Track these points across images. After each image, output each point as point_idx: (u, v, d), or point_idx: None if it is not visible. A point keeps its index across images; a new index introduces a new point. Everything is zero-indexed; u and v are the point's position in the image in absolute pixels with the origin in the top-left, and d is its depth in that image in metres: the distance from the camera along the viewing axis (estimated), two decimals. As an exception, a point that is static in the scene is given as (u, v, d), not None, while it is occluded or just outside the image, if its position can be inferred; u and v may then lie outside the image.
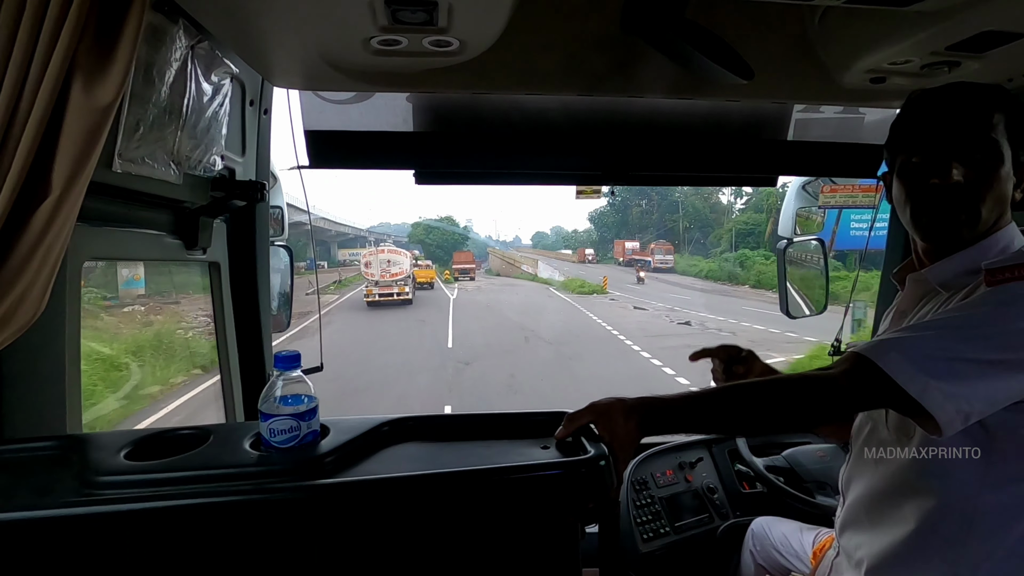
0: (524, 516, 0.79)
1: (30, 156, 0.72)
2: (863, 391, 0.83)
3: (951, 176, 0.90)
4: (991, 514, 0.87)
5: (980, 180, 0.91)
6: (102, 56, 0.77)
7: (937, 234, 0.96)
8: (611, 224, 61.83)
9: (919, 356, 0.81)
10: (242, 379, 1.67)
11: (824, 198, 2.70)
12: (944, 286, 0.96)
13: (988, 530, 0.88)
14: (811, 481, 1.86)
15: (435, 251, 55.79)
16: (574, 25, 1.27)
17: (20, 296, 0.75)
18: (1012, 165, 0.92)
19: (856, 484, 1.08)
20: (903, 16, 1.06)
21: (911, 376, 0.79)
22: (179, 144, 1.16)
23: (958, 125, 0.92)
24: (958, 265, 0.94)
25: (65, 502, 0.68)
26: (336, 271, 37.67)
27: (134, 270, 5.27)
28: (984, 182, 0.91)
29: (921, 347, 0.82)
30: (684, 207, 52.00)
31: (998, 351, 0.80)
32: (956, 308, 0.87)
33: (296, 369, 0.80)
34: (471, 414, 0.95)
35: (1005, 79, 1.36)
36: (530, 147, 1.75)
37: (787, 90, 1.53)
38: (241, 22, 1.08)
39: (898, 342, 0.84)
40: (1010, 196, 0.94)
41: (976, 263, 0.89)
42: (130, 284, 5.89)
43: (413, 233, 61.61)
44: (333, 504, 0.72)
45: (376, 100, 1.64)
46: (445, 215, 66.77)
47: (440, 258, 53.51)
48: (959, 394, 0.79)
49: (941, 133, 0.93)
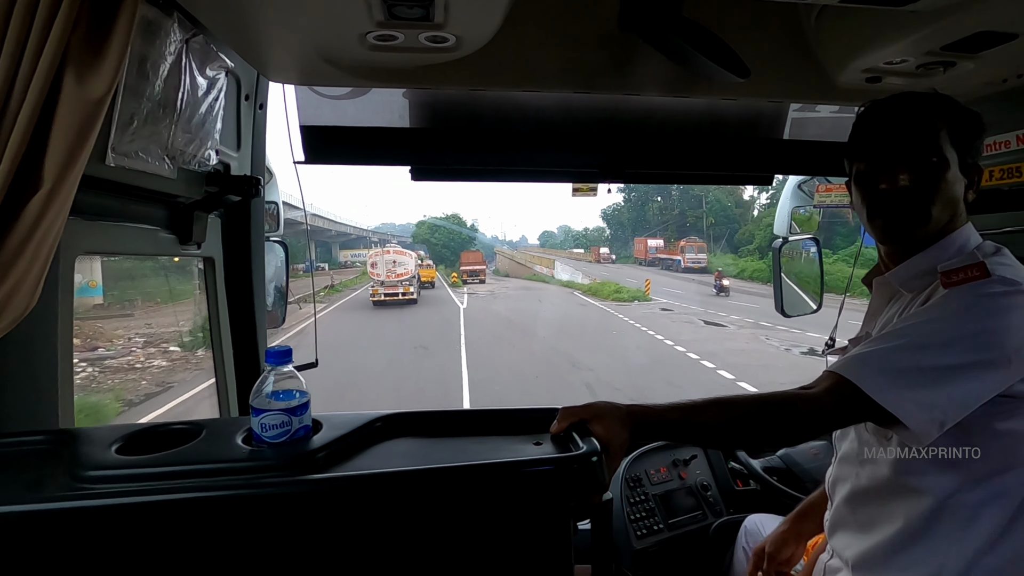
0: (517, 512, 0.79)
1: (21, 148, 0.72)
2: (843, 409, 0.87)
3: (898, 181, 0.96)
4: (974, 508, 0.90)
5: (926, 183, 0.96)
6: (95, 48, 0.76)
7: (891, 235, 1.01)
8: (626, 221, 58.64)
9: (891, 369, 0.85)
10: (236, 374, 1.67)
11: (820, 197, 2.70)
12: (906, 287, 1.01)
13: (972, 524, 0.90)
14: (810, 481, 1.87)
15: (441, 251, 52.36)
16: (571, 22, 1.27)
17: (12, 290, 0.75)
18: (959, 169, 0.97)
19: (842, 485, 1.09)
20: (899, 16, 1.06)
21: (885, 390, 0.83)
22: (173, 138, 1.15)
23: (903, 133, 0.97)
24: (916, 267, 0.99)
25: (56, 496, 0.68)
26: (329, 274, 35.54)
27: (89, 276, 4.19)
28: (930, 185, 0.96)
29: (892, 360, 0.85)
30: (708, 202, 48.50)
31: (963, 355, 0.84)
32: (920, 315, 0.89)
33: (288, 364, 0.80)
34: (464, 410, 0.96)
35: (1000, 79, 1.36)
36: (526, 144, 1.74)
37: (783, 89, 1.53)
38: (236, 16, 1.08)
39: (870, 357, 0.87)
40: (961, 198, 0.99)
41: (933, 265, 0.94)
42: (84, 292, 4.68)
43: (417, 232, 58.08)
44: (324, 499, 0.72)
45: (372, 96, 1.63)
46: (451, 213, 61.99)
47: (446, 258, 50.45)
48: (933, 403, 0.83)
49: (888, 141, 0.99)
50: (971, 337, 0.84)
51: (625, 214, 58.97)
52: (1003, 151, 1.50)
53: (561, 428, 0.86)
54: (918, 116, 0.98)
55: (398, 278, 24.68)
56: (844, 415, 0.89)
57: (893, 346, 0.87)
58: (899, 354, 0.86)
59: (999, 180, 1.52)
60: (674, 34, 1.13)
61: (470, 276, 36.76)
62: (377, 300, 24.11)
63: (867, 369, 0.85)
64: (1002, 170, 1.51)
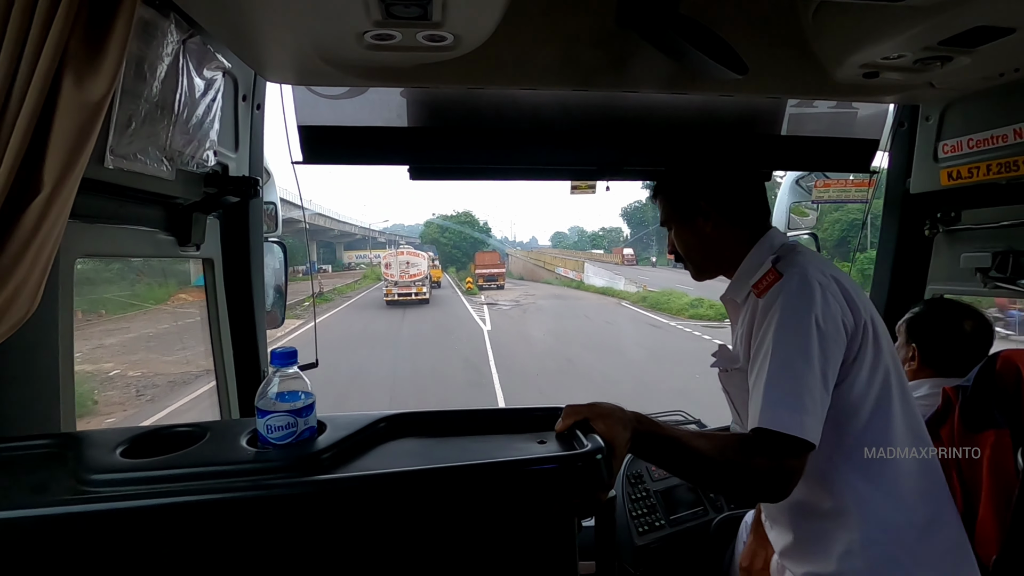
0: (521, 510, 0.80)
1: (21, 152, 0.72)
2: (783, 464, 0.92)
3: (673, 250, 1.26)
4: (850, 478, 1.00)
5: (680, 245, 1.23)
6: (93, 51, 0.76)
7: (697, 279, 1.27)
8: (651, 219, 51.28)
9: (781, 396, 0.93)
10: (237, 376, 1.66)
11: (817, 193, 2.70)
12: (738, 298, 1.16)
13: (852, 494, 1.00)
14: None
15: (451, 252, 47.16)
16: (569, 20, 1.26)
17: (12, 294, 0.75)
18: (684, 219, 1.20)
19: None
20: (896, 11, 1.06)
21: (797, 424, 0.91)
22: (171, 140, 1.15)
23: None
24: (738, 285, 1.16)
25: (61, 500, 0.68)
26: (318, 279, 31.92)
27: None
28: (682, 246, 1.23)
29: (778, 389, 0.94)
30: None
31: (810, 355, 0.95)
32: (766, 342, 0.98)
33: (293, 365, 0.80)
34: (468, 410, 0.96)
35: (997, 74, 1.37)
36: (525, 142, 1.74)
37: (781, 85, 1.53)
38: (233, 16, 1.07)
39: (766, 399, 0.94)
40: (710, 235, 1.18)
41: (746, 280, 1.11)
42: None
43: (426, 232, 53.34)
44: (331, 500, 0.72)
45: (370, 95, 1.63)
46: (462, 211, 54.73)
47: (457, 260, 46.03)
48: (818, 413, 0.93)
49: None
50: (808, 332, 0.95)
51: (650, 211, 51.28)
52: (1000, 145, 1.51)
53: (565, 426, 0.86)
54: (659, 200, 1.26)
55: (411, 278, 25.11)
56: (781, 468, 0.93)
57: (774, 380, 0.95)
58: (783, 384, 0.94)
59: (996, 174, 1.53)
60: (672, 31, 1.13)
61: (487, 281, 32.22)
62: (391, 300, 24.56)
63: (778, 412, 0.92)
64: (999, 164, 1.52)
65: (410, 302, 24.37)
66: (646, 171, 1.94)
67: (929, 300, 1.57)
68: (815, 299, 0.97)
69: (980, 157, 1.58)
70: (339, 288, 31.30)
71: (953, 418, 1.22)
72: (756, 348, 1.00)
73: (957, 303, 1.51)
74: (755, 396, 0.96)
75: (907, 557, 0.98)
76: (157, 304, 9.40)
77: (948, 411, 1.24)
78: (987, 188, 1.62)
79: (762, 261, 1.09)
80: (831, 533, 1.01)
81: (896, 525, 0.99)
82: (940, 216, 1.82)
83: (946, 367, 1.43)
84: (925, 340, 1.46)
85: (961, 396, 1.22)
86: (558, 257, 46.78)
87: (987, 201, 1.69)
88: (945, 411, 1.25)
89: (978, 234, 1.73)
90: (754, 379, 0.98)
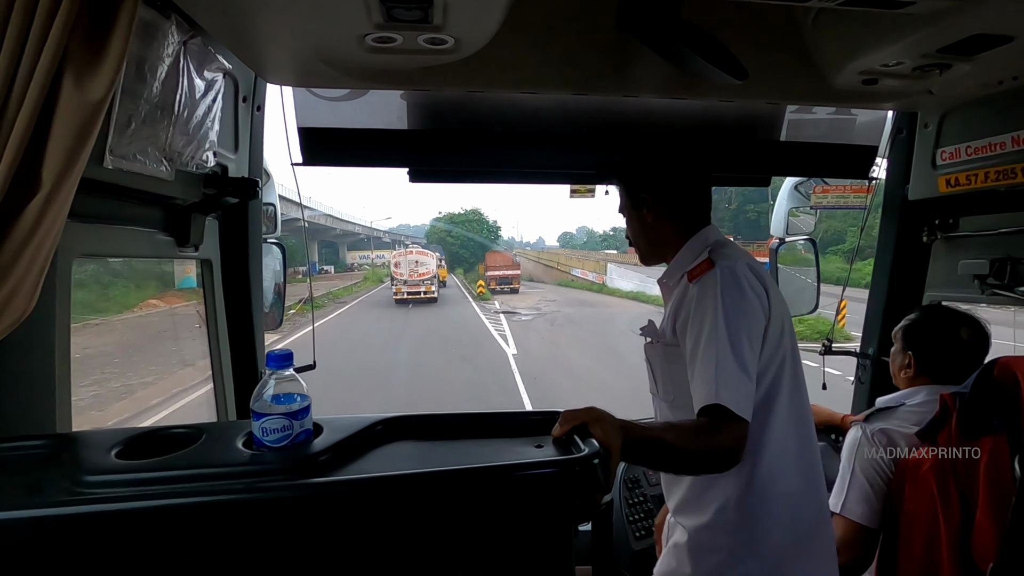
0: (518, 514, 0.79)
1: (20, 151, 0.71)
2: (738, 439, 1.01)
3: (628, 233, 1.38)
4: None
5: (629, 231, 1.36)
6: (94, 51, 0.76)
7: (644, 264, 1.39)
8: None
9: (727, 377, 1.03)
10: (234, 378, 1.66)
11: (816, 198, 2.71)
12: (671, 282, 1.28)
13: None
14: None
15: (459, 252, 43.95)
16: (569, 24, 1.27)
17: (10, 293, 0.74)
18: (632, 207, 1.31)
19: None
20: (895, 18, 1.07)
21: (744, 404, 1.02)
22: (171, 140, 1.15)
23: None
24: (673, 270, 1.28)
25: (55, 501, 0.68)
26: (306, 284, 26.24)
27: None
28: (630, 232, 1.36)
29: (725, 370, 1.03)
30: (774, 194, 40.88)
31: (750, 337, 1.08)
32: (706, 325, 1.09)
33: (288, 368, 0.80)
34: (465, 413, 0.95)
35: (995, 81, 1.37)
36: (524, 145, 1.75)
37: (780, 91, 1.53)
38: (234, 18, 1.08)
39: (717, 379, 1.03)
40: (657, 226, 1.29)
41: (681, 267, 1.24)
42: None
43: (431, 232, 50.61)
44: (327, 503, 0.72)
45: (370, 97, 1.63)
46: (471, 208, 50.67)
47: (465, 260, 43.31)
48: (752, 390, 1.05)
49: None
50: (737, 312, 1.08)
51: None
52: (998, 152, 1.51)
53: (563, 431, 0.86)
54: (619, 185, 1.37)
55: (420, 277, 25.80)
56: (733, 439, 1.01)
57: (718, 358, 1.04)
58: (724, 363, 1.04)
59: (994, 182, 1.53)
60: (672, 36, 1.13)
61: (499, 284, 29.93)
62: (400, 298, 25.38)
63: (721, 391, 1.02)
64: (997, 171, 1.52)
65: (419, 300, 25.05)
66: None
67: (926, 307, 1.57)
68: (745, 289, 1.12)
69: (978, 164, 1.58)
70: (334, 292, 29.15)
71: (951, 425, 1.23)
72: (694, 330, 1.11)
73: (953, 310, 1.51)
74: (704, 374, 1.05)
75: (768, 516, 1.12)
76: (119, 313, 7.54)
77: (946, 418, 1.24)
78: (985, 195, 1.62)
79: (698, 253, 1.22)
80: (711, 493, 1.15)
81: (768, 491, 1.12)
82: (938, 223, 1.83)
83: (943, 374, 1.43)
84: (921, 347, 1.46)
85: (959, 403, 1.22)
86: (573, 257, 43.28)
87: (985, 208, 1.70)
88: (943, 418, 1.25)
89: (976, 241, 1.73)
90: (700, 358, 1.08)
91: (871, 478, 1.34)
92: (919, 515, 1.25)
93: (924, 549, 1.23)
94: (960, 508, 1.20)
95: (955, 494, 1.20)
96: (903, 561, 1.28)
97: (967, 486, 1.19)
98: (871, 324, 2.04)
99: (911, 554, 1.26)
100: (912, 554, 1.26)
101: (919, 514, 1.25)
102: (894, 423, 1.38)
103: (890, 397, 1.48)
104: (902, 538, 1.28)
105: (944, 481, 1.22)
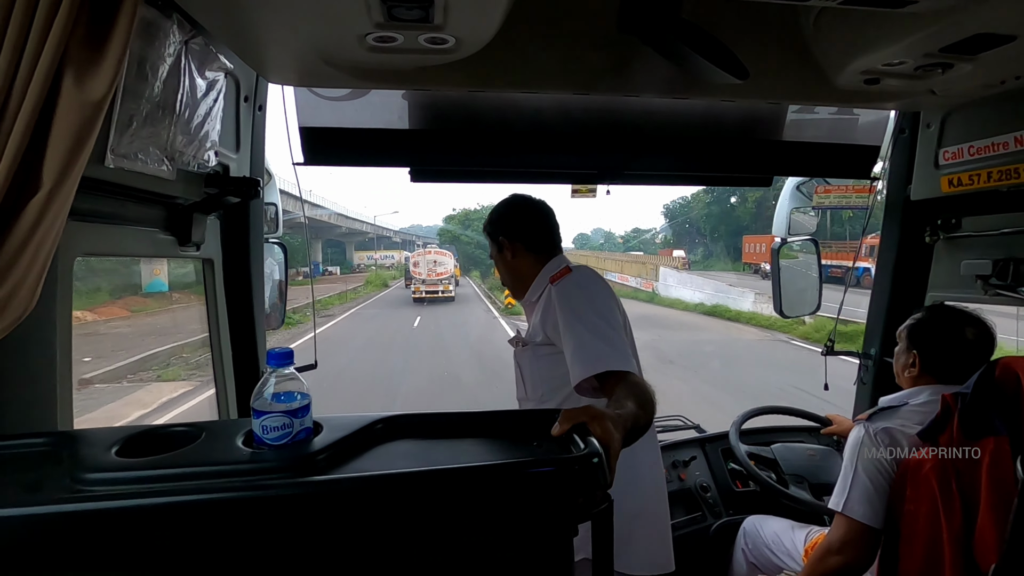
0: (518, 513, 0.79)
1: (20, 150, 0.72)
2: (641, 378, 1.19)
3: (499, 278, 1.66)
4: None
5: (500, 274, 1.64)
6: (94, 50, 0.76)
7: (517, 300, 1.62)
8: (699, 219, 46.63)
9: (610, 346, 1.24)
10: (235, 376, 1.66)
11: (818, 198, 2.72)
12: (533, 299, 1.51)
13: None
14: (790, 474, 1.88)
15: (473, 252, 39.72)
16: (570, 24, 1.27)
17: (11, 292, 0.75)
18: (497, 250, 1.58)
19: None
20: (897, 17, 1.06)
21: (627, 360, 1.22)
22: (172, 140, 1.15)
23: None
24: (535, 288, 1.51)
25: (55, 499, 0.68)
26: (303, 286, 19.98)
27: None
28: (501, 274, 1.63)
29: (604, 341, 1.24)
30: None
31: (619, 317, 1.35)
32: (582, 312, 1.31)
33: (289, 366, 0.80)
34: (464, 412, 0.95)
35: (998, 81, 1.37)
36: (526, 146, 1.75)
37: (782, 90, 1.53)
38: (236, 17, 1.08)
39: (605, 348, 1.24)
40: (512, 261, 1.56)
41: (543, 283, 1.47)
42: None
43: (444, 230, 47.29)
44: (326, 501, 0.72)
45: (371, 97, 1.63)
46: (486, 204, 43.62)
47: (481, 262, 38.04)
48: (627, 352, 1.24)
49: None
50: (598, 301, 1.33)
51: (699, 209, 45.96)
52: (1001, 152, 1.51)
53: (563, 430, 0.86)
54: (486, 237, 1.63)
55: (438, 276, 26.66)
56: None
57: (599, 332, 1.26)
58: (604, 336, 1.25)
59: (997, 182, 1.53)
60: (673, 36, 1.13)
61: None
62: (418, 297, 26.59)
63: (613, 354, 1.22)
64: (1000, 172, 1.52)
65: (437, 299, 26.11)
66: (646, 175, 1.94)
67: (930, 306, 1.57)
68: (603, 282, 1.40)
69: (981, 164, 1.58)
70: (325, 300, 25.80)
71: (952, 425, 1.22)
72: (564, 316, 1.31)
73: (958, 310, 1.50)
74: (593, 348, 1.23)
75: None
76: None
77: (947, 418, 1.24)
78: (988, 195, 1.62)
79: (556, 269, 1.47)
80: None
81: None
82: (941, 223, 1.82)
83: (947, 374, 1.42)
84: (926, 347, 1.46)
85: (960, 403, 1.21)
86: (607, 259, 37.53)
87: (988, 208, 1.69)
88: (944, 418, 1.24)
89: (979, 241, 1.73)
90: (577, 338, 1.26)
91: (873, 477, 1.33)
92: (920, 516, 1.24)
93: (925, 550, 1.23)
94: (962, 509, 1.19)
95: (957, 495, 1.20)
96: (904, 562, 1.27)
97: (969, 487, 1.19)
98: (873, 324, 2.03)
99: (912, 555, 1.25)
100: (913, 555, 1.25)
101: (920, 515, 1.24)
102: (897, 423, 1.38)
103: (893, 396, 1.48)
104: (903, 538, 1.28)
105: (946, 482, 1.21)
